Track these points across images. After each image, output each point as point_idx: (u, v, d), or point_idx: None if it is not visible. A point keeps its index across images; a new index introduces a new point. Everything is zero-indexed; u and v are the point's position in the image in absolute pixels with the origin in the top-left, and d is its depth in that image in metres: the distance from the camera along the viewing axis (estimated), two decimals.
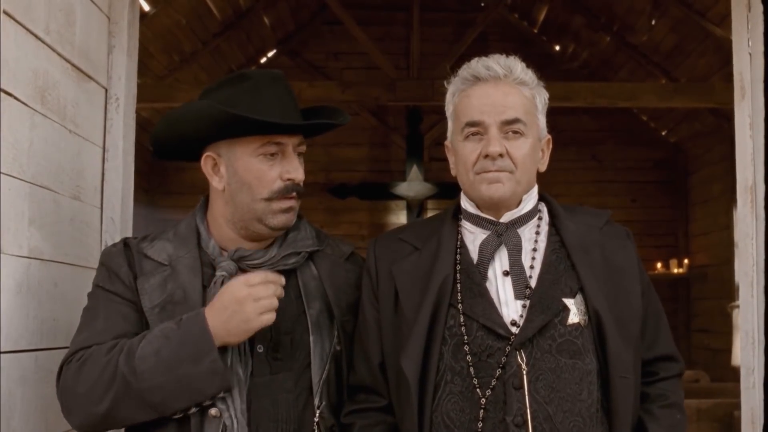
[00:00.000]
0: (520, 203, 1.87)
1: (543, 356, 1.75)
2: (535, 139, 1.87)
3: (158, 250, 1.93)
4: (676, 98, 7.15)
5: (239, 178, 1.89)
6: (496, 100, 1.82)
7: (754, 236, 2.37)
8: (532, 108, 1.87)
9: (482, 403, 1.73)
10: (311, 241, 1.98)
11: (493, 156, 1.80)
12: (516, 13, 9.07)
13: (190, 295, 1.86)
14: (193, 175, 8.16)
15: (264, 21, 8.45)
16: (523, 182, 1.85)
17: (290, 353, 1.88)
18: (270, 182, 1.88)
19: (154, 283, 1.88)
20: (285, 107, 1.89)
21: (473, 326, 1.78)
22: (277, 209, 1.89)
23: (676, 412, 1.85)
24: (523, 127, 1.83)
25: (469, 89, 1.86)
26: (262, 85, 1.88)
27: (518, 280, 1.81)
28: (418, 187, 8.34)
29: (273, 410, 1.84)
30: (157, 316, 1.84)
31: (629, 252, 1.90)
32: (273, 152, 1.88)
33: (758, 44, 2.40)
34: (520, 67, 1.88)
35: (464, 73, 1.88)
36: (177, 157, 2.03)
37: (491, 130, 1.81)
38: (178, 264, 1.90)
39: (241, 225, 1.92)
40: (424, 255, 1.88)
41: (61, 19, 2.13)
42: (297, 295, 1.93)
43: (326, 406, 1.88)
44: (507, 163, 1.81)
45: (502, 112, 1.81)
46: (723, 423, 5.81)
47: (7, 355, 1.89)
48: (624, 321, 1.80)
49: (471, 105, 1.84)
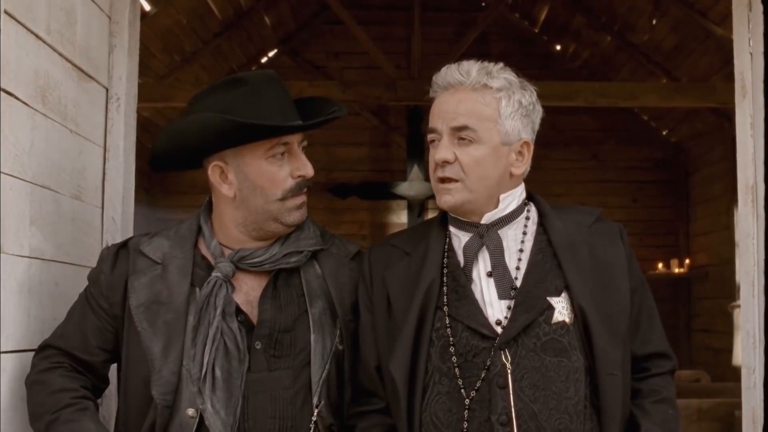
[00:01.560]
0: (498, 204, 1.88)
1: (527, 355, 1.76)
2: (496, 145, 1.84)
3: (154, 247, 1.95)
4: (677, 98, 7.15)
5: (251, 183, 1.89)
6: (449, 107, 1.85)
7: (755, 236, 2.36)
8: (492, 114, 1.84)
9: (467, 403, 1.76)
10: (314, 241, 1.98)
11: (439, 163, 1.84)
12: (517, 13, 9.07)
13: (175, 297, 1.88)
14: (193, 175, 8.16)
15: (265, 21, 8.45)
16: (477, 189, 1.84)
17: (289, 351, 1.89)
18: (282, 182, 1.89)
19: (143, 282, 1.91)
20: (285, 107, 1.90)
21: (458, 327, 1.80)
22: (291, 207, 1.91)
23: (668, 408, 1.86)
24: (473, 134, 1.82)
25: (437, 97, 1.91)
26: (259, 88, 1.88)
27: (502, 281, 1.82)
28: (419, 186, 8.34)
29: (270, 407, 1.86)
30: (143, 314, 1.88)
31: (618, 249, 1.89)
32: (282, 153, 1.89)
33: (759, 44, 2.40)
34: (479, 72, 1.85)
35: (434, 82, 1.92)
36: (174, 167, 2.03)
37: (444, 137, 1.85)
38: (170, 264, 1.92)
39: (254, 227, 1.93)
40: (414, 260, 1.90)
41: (62, 19, 2.13)
42: (299, 294, 1.93)
43: (325, 406, 1.88)
44: (456, 171, 1.83)
45: (452, 119, 1.84)
46: (724, 423, 5.81)
47: (8, 355, 1.90)
48: (611, 318, 1.80)
49: (433, 113, 1.89)
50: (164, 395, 1.84)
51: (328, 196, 8.52)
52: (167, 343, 1.86)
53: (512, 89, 1.86)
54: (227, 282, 1.88)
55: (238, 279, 1.92)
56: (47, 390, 1.88)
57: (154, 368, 1.85)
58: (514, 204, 1.90)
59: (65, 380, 1.90)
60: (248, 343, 1.87)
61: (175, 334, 1.86)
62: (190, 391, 1.83)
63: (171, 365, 1.84)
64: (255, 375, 1.86)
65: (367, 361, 1.90)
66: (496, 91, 1.85)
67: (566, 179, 8.85)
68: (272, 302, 1.91)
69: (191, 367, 1.83)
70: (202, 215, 2.00)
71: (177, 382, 1.84)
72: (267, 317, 1.89)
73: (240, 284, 1.92)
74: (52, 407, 1.86)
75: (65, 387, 1.89)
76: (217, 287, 1.86)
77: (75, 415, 1.85)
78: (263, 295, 1.91)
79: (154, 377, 1.84)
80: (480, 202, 1.86)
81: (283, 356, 1.88)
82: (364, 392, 1.92)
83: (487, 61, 1.91)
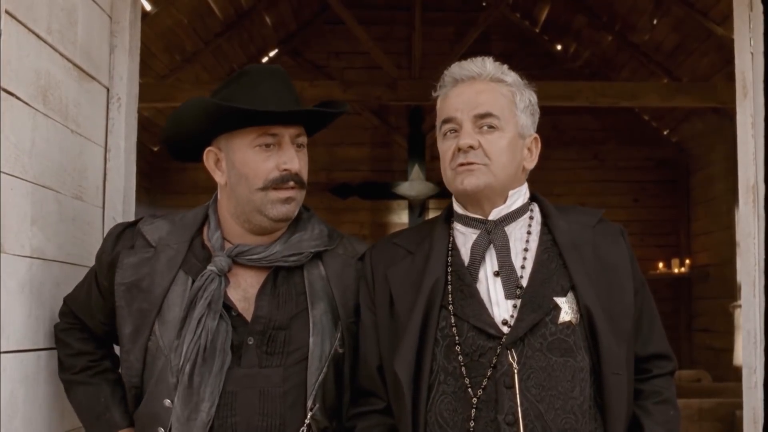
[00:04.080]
0: (506, 200, 1.88)
1: (534, 355, 1.76)
2: (515, 136, 1.87)
3: (153, 229, 1.98)
4: (678, 98, 7.15)
5: (237, 170, 1.91)
6: (470, 96, 1.86)
7: (756, 235, 2.36)
8: (510, 105, 1.88)
9: (474, 402, 1.75)
10: (318, 242, 1.97)
11: (464, 148, 1.82)
12: (518, 13, 9.07)
13: (155, 288, 1.90)
14: (194, 175, 8.18)
15: (266, 20, 8.45)
16: (500, 176, 1.85)
17: (283, 349, 1.88)
18: (265, 172, 1.89)
19: (132, 261, 1.93)
20: (282, 100, 1.90)
21: (464, 327, 1.80)
22: (275, 199, 1.90)
23: (670, 408, 1.87)
24: (497, 122, 1.85)
25: (448, 91, 1.91)
26: (259, 79, 1.91)
27: (508, 280, 1.82)
28: (419, 186, 8.34)
29: (259, 403, 1.85)
30: (122, 294, 1.91)
31: (622, 249, 1.90)
32: (269, 143, 1.89)
33: (760, 44, 2.40)
34: (494, 66, 1.91)
35: (444, 79, 1.93)
36: (191, 157, 2.04)
37: (465, 125, 1.84)
38: (162, 251, 1.94)
39: (243, 218, 1.93)
40: (417, 259, 1.90)
41: (63, 19, 2.13)
42: (300, 292, 1.93)
43: (320, 409, 1.87)
44: (480, 156, 1.83)
45: (474, 107, 1.85)
46: (725, 423, 5.81)
47: (9, 355, 1.90)
48: (616, 318, 1.81)
49: (448, 104, 1.89)
50: (130, 377, 1.91)
51: (328, 196, 8.52)
52: (135, 329, 1.90)
53: (521, 86, 1.92)
54: (221, 276, 1.88)
55: (237, 274, 1.92)
56: (68, 351, 2.03)
57: (123, 347, 1.92)
58: (520, 201, 1.91)
59: (82, 343, 2.03)
60: (241, 338, 1.87)
61: (145, 324, 1.89)
62: (170, 382, 1.84)
63: (136, 352, 1.89)
64: (245, 370, 1.86)
65: (369, 360, 1.90)
66: (511, 85, 1.90)
67: (567, 179, 8.84)
68: (270, 299, 1.90)
69: (172, 359, 1.84)
70: (212, 206, 2.02)
71: (141, 369, 1.89)
72: (262, 313, 1.89)
73: (239, 280, 1.92)
74: (71, 368, 2.02)
75: (82, 350, 2.02)
76: (209, 281, 1.87)
77: (93, 379, 2.01)
78: (261, 291, 1.91)
79: (123, 356, 1.93)
80: (498, 189, 1.87)
81: (275, 353, 1.88)
82: (364, 392, 1.92)
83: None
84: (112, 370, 2.04)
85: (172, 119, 1.97)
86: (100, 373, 2.02)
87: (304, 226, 1.99)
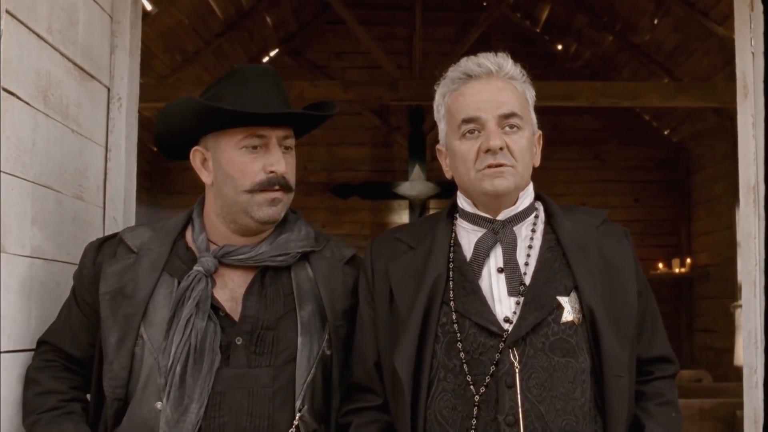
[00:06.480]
0: (516, 201, 1.88)
1: (536, 354, 1.75)
2: (531, 134, 1.87)
3: (134, 236, 1.96)
4: (679, 98, 7.15)
5: (223, 171, 1.90)
6: (491, 95, 1.82)
7: (757, 235, 2.36)
8: (525, 102, 1.87)
9: (476, 400, 1.73)
10: (305, 243, 1.96)
11: (495, 150, 1.79)
12: (518, 13, 9.07)
13: (138, 292, 1.88)
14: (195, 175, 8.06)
15: (266, 20, 8.46)
16: (525, 176, 1.85)
17: (271, 349, 1.87)
18: (252, 174, 1.88)
19: (115, 269, 1.91)
20: (270, 101, 1.89)
21: (466, 324, 1.78)
22: (261, 201, 1.89)
23: (672, 410, 1.85)
24: (520, 121, 1.83)
25: (461, 87, 1.86)
26: (247, 78, 1.90)
27: (512, 277, 1.80)
28: (420, 186, 8.34)
29: (248, 403, 1.83)
30: (107, 303, 1.88)
31: (626, 251, 1.89)
32: (255, 145, 1.88)
33: (760, 44, 2.40)
34: (510, 63, 1.88)
35: (454, 73, 1.88)
36: (182, 156, 2.03)
37: (489, 125, 1.81)
38: (144, 255, 1.92)
39: (229, 218, 1.93)
40: (419, 254, 1.88)
41: (63, 19, 2.13)
42: (288, 293, 1.92)
43: (308, 410, 1.86)
44: (507, 157, 1.81)
45: (498, 107, 1.81)
46: (726, 423, 5.81)
47: (9, 355, 1.90)
48: (619, 319, 1.79)
49: (465, 102, 1.84)
50: (114, 388, 1.86)
51: (329, 196, 8.51)
52: (121, 336, 1.86)
53: (528, 83, 1.91)
54: (208, 277, 1.87)
55: (223, 275, 1.91)
56: (37, 390, 1.92)
57: (107, 359, 1.87)
58: (527, 201, 1.90)
59: (55, 382, 1.93)
60: (229, 338, 1.85)
61: (130, 329, 1.86)
62: (159, 384, 1.82)
63: (122, 360, 1.85)
64: (233, 371, 1.84)
65: (366, 356, 1.88)
66: (522, 83, 1.89)
67: (568, 179, 8.84)
68: (257, 299, 1.89)
69: (161, 359, 1.83)
70: (196, 208, 2.01)
71: (127, 378, 1.84)
72: (250, 313, 1.88)
73: (226, 280, 1.91)
74: (37, 408, 1.89)
75: (54, 389, 1.92)
76: (196, 281, 1.85)
77: (58, 419, 1.88)
78: (248, 292, 1.90)
79: (106, 368, 1.87)
80: (520, 190, 1.86)
81: (264, 354, 1.86)
82: (360, 389, 1.90)
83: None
84: (80, 413, 1.92)
85: (161, 118, 1.96)
86: (67, 414, 1.90)
87: (291, 227, 1.98)
